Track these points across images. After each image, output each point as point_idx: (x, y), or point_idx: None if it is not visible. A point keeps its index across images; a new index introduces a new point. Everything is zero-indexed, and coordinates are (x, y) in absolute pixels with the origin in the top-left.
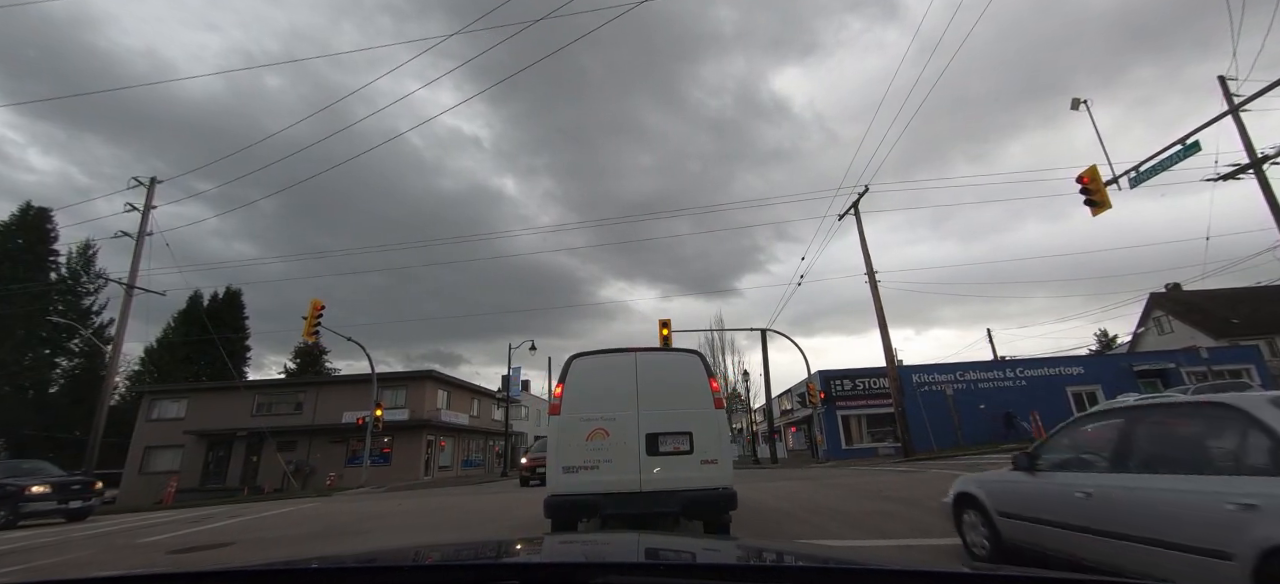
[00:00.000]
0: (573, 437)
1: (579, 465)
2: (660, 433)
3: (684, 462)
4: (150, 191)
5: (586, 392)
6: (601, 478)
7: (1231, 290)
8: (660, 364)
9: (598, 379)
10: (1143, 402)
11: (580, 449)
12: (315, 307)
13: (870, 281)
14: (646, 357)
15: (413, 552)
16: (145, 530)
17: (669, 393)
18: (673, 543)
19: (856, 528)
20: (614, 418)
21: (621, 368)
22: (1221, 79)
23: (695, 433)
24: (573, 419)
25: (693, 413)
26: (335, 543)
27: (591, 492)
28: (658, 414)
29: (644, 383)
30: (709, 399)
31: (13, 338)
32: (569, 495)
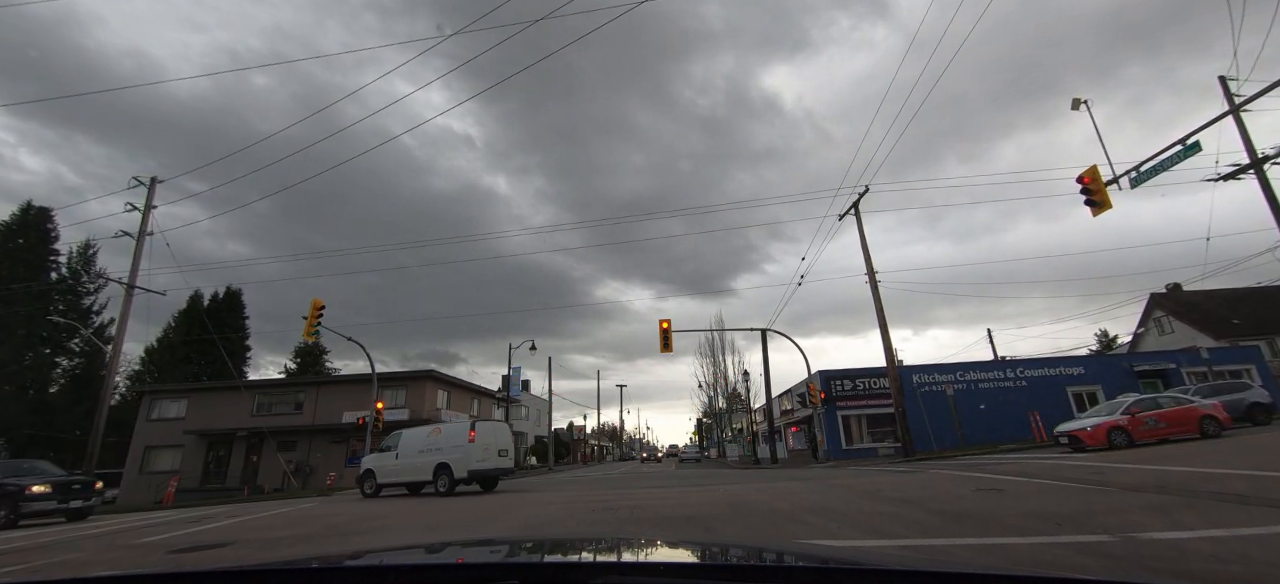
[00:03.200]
0: (479, 448)
1: (479, 460)
2: (497, 449)
3: (503, 457)
4: (150, 191)
5: (483, 433)
6: (485, 464)
7: (1232, 290)
8: (497, 427)
9: (484, 428)
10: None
11: (480, 453)
12: (315, 306)
13: (871, 282)
14: (494, 424)
15: (413, 552)
16: (145, 530)
17: (498, 433)
18: (673, 543)
19: (856, 528)
20: (489, 445)
21: (493, 425)
22: (1222, 79)
23: (506, 448)
24: (479, 444)
25: (506, 443)
26: (335, 543)
27: (482, 468)
28: (497, 441)
29: (497, 431)
30: (510, 436)
31: (13, 338)
32: (479, 470)
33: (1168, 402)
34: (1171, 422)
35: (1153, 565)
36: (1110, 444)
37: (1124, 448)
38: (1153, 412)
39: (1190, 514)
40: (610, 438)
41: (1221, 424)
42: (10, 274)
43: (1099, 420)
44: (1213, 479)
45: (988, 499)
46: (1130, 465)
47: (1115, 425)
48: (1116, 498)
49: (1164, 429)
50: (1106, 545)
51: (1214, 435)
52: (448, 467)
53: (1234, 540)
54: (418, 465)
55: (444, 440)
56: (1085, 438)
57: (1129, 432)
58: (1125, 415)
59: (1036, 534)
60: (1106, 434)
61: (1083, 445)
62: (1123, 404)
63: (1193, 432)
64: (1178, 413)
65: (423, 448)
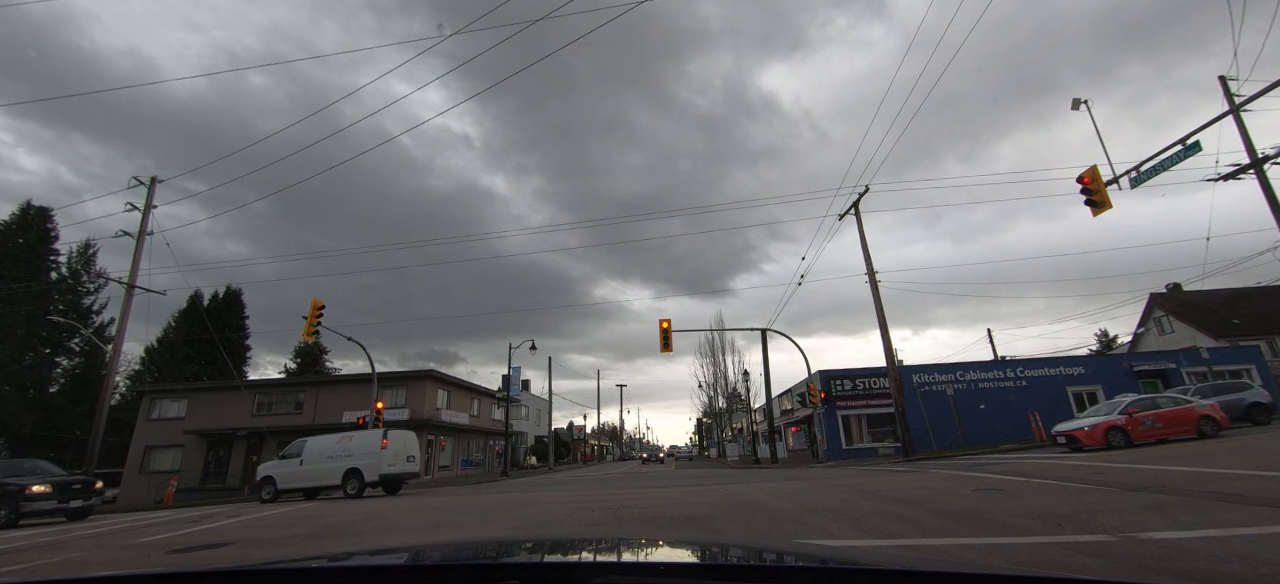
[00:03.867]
0: (390, 454)
1: (389, 464)
2: (406, 455)
3: (411, 462)
4: (151, 191)
5: (394, 440)
6: (394, 468)
7: (1232, 290)
8: (406, 436)
9: (395, 436)
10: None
11: (391, 458)
12: (315, 306)
13: (871, 282)
14: (404, 433)
15: (412, 552)
16: (145, 530)
17: (407, 440)
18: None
19: (856, 528)
20: (399, 452)
21: (402, 434)
22: (1222, 79)
23: (413, 455)
24: (391, 450)
25: (414, 450)
26: (335, 543)
27: (392, 472)
28: (406, 448)
29: (406, 438)
30: (417, 444)
31: (13, 338)
32: (389, 474)
33: (1166, 402)
34: (1169, 422)
35: (1153, 565)
36: (1108, 444)
37: (1122, 448)
38: (1151, 412)
39: (1190, 514)
40: (610, 438)
41: (1219, 424)
42: (10, 274)
43: (1097, 420)
44: (1213, 479)
45: (988, 499)
46: (1130, 465)
47: (1113, 425)
48: (1117, 498)
49: (1162, 429)
50: (1107, 545)
51: (1212, 436)
52: (358, 471)
53: (1235, 540)
54: (325, 471)
55: (355, 447)
56: (1083, 438)
57: (1127, 432)
58: (1123, 415)
59: (1036, 534)
60: (1104, 434)
61: (1080, 445)
62: (1121, 404)
63: (1190, 432)
64: (1175, 413)
65: (330, 454)
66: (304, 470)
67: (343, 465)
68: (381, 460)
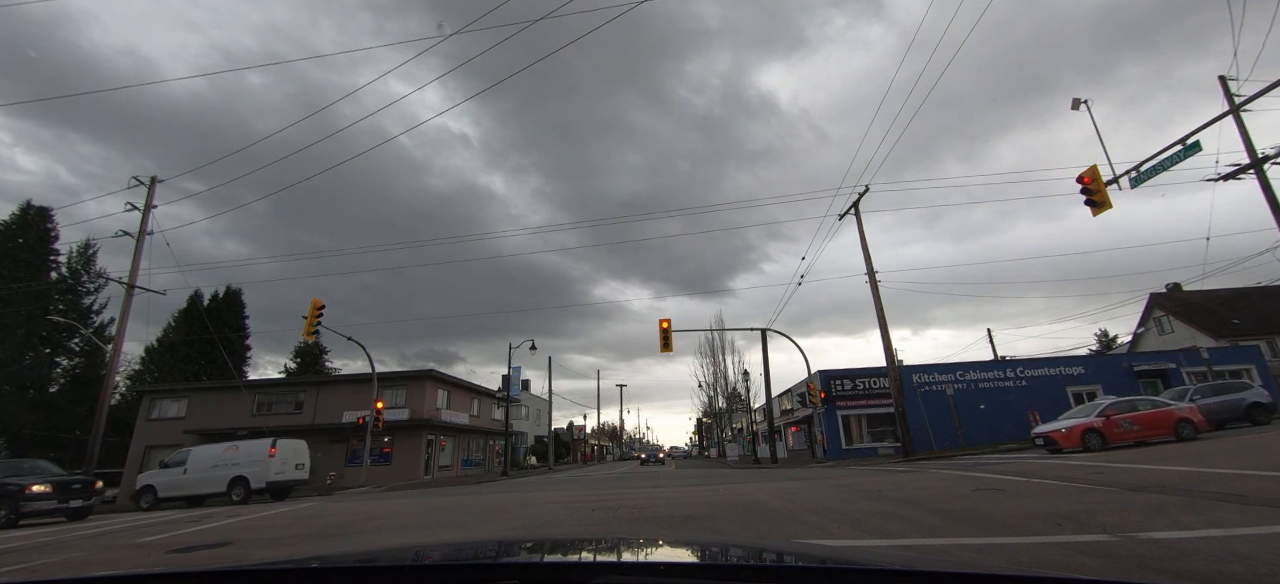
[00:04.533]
0: (278, 462)
1: (277, 472)
2: (295, 463)
3: (300, 470)
4: (151, 191)
5: (282, 449)
6: (283, 476)
7: (1232, 290)
8: (296, 444)
9: (284, 445)
10: None
11: (278, 466)
12: (315, 306)
13: (871, 281)
14: (293, 442)
15: (413, 552)
16: (145, 530)
17: (296, 449)
18: (673, 543)
19: (856, 528)
20: (288, 460)
21: (292, 443)
22: (1222, 79)
23: (303, 462)
24: (279, 458)
25: (303, 458)
26: (335, 543)
27: (280, 480)
28: (295, 456)
29: (296, 447)
30: (307, 452)
31: (13, 337)
32: (277, 481)
33: (1145, 404)
34: (1146, 425)
35: (1153, 565)
36: (1085, 446)
37: (1098, 450)
38: (1128, 414)
39: (1190, 514)
40: (610, 437)
41: (1196, 427)
42: (10, 274)
43: (1074, 422)
44: (1213, 479)
45: (988, 499)
46: (1130, 465)
47: (1090, 427)
48: (1117, 497)
49: (1138, 432)
50: (1107, 545)
51: (1189, 438)
52: (244, 479)
53: (1235, 540)
54: (210, 479)
55: (241, 456)
56: (1060, 439)
57: (1103, 434)
58: (1100, 417)
59: (1037, 534)
60: (1081, 436)
61: (1058, 447)
62: (1099, 406)
63: (1168, 435)
64: (1153, 416)
65: (216, 463)
66: (187, 478)
67: (229, 474)
68: (268, 468)
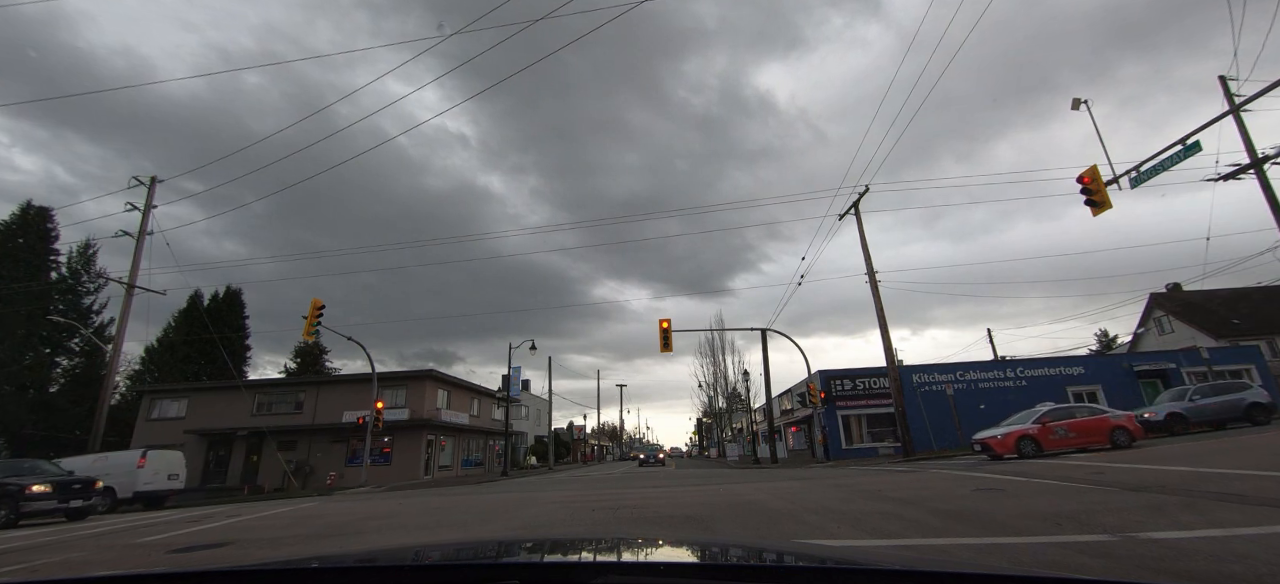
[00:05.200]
0: (148, 472)
1: (146, 482)
2: (168, 473)
3: (174, 480)
4: (151, 191)
5: (153, 460)
6: (152, 485)
7: (1232, 290)
8: (169, 455)
9: (154, 456)
10: None
11: (148, 476)
12: (315, 306)
13: (871, 281)
14: (166, 453)
15: (413, 552)
16: (145, 530)
17: (169, 460)
18: (673, 543)
19: (856, 528)
20: (159, 470)
21: (164, 454)
22: (1222, 79)
23: (176, 472)
24: (149, 468)
25: (177, 469)
26: (335, 543)
27: (149, 489)
28: (168, 466)
29: (169, 458)
30: (182, 462)
31: (13, 337)
32: (145, 491)
33: (1083, 412)
34: (1082, 432)
35: (1153, 565)
36: (1020, 453)
37: (1032, 456)
38: (1064, 421)
39: (1190, 514)
40: (610, 437)
41: (1132, 435)
42: (10, 274)
43: (1009, 429)
44: (1213, 479)
45: (988, 499)
46: (1130, 465)
47: (1025, 434)
48: (1116, 497)
49: (1074, 439)
50: (1107, 545)
51: (1124, 446)
52: (111, 489)
53: (1235, 540)
54: None
55: (110, 465)
56: (996, 446)
57: (1038, 440)
58: (1036, 424)
59: (1036, 534)
60: (1016, 443)
61: (995, 454)
62: (1036, 413)
63: (1103, 442)
64: (1089, 423)
65: (84, 472)
66: None
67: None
68: (137, 478)
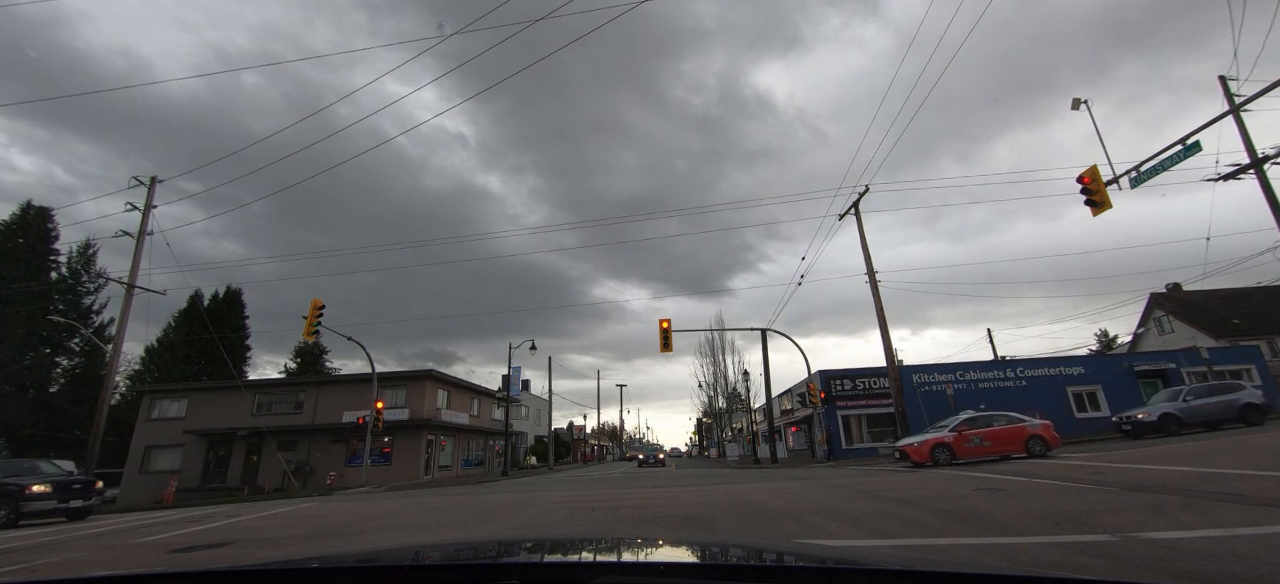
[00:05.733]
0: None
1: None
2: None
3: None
4: (151, 191)
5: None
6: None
7: (1232, 290)
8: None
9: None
10: None
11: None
12: (315, 306)
13: (871, 281)
14: (13, 462)
15: (413, 552)
16: (145, 530)
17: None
18: (673, 543)
19: (856, 528)
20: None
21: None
22: (1222, 79)
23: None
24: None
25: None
26: (335, 543)
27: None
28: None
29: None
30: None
31: (13, 337)
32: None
33: (1001, 421)
34: (997, 440)
35: (1153, 565)
36: (934, 461)
37: (946, 465)
38: (980, 430)
39: (1190, 514)
40: (611, 437)
41: (1048, 444)
42: (10, 274)
43: (925, 438)
44: (1212, 479)
45: (988, 499)
46: (1130, 465)
47: (940, 442)
48: (1117, 497)
49: (989, 448)
50: (1107, 545)
51: (1040, 455)
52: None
53: (1235, 540)
54: None
55: None
56: (912, 454)
57: (952, 448)
58: (953, 433)
59: (1037, 534)
60: (930, 451)
61: (911, 461)
62: (954, 422)
63: (1019, 451)
64: (1005, 432)
65: None
66: None
67: None
68: None
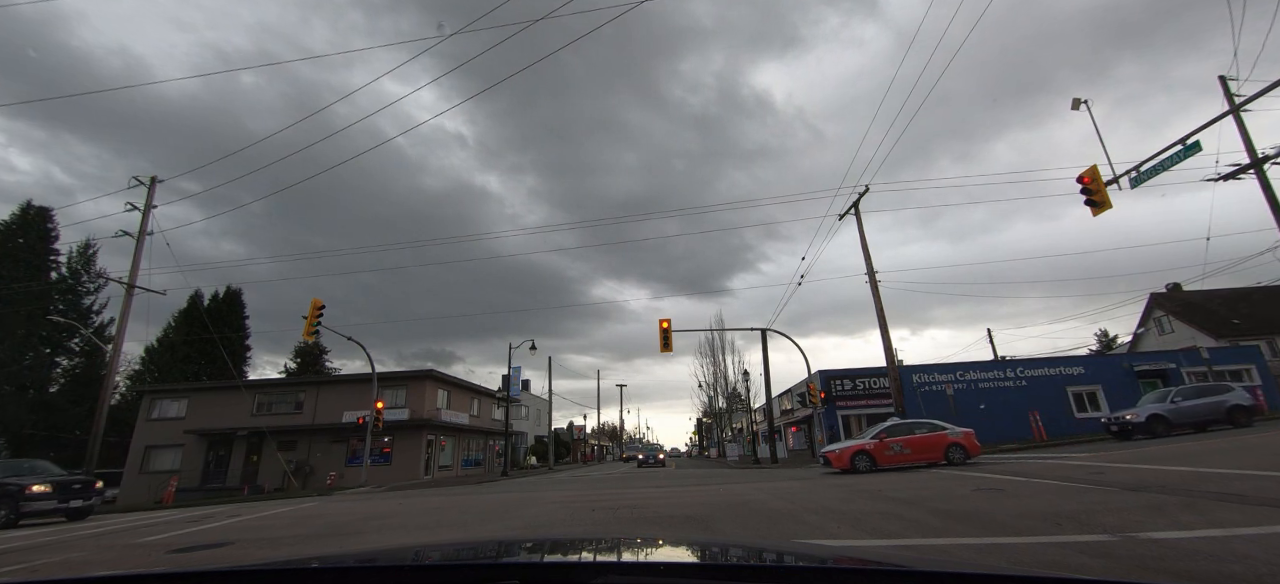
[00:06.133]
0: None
1: None
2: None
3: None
4: (151, 191)
5: None
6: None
7: (1232, 290)
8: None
9: None
10: None
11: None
12: (315, 306)
13: (871, 281)
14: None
15: (413, 552)
16: (145, 530)
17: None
18: (673, 543)
19: (856, 528)
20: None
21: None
22: (1222, 79)
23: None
24: None
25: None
26: (335, 543)
27: None
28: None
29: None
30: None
31: (13, 337)
32: None
33: (922, 429)
34: (918, 448)
35: (1153, 566)
36: (854, 468)
37: (866, 472)
38: (901, 438)
39: (1190, 514)
40: (611, 437)
41: (968, 452)
42: (10, 274)
43: (846, 445)
44: (1212, 479)
45: (988, 499)
46: (1130, 465)
47: (860, 449)
48: (1117, 497)
49: (909, 455)
50: (1107, 545)
51: (959, 463)
52: None
53: (1235, 540)
54: None
55: None
56: (833, 460)
57: (873, 456)
58: (874, 440)
59: (1037, 534)
60: (851, 458)
61: (833, 467)
62: (876, 430)
63: (939, 458)
64: (926, 440)
65: None
66: None
67: None
68: None
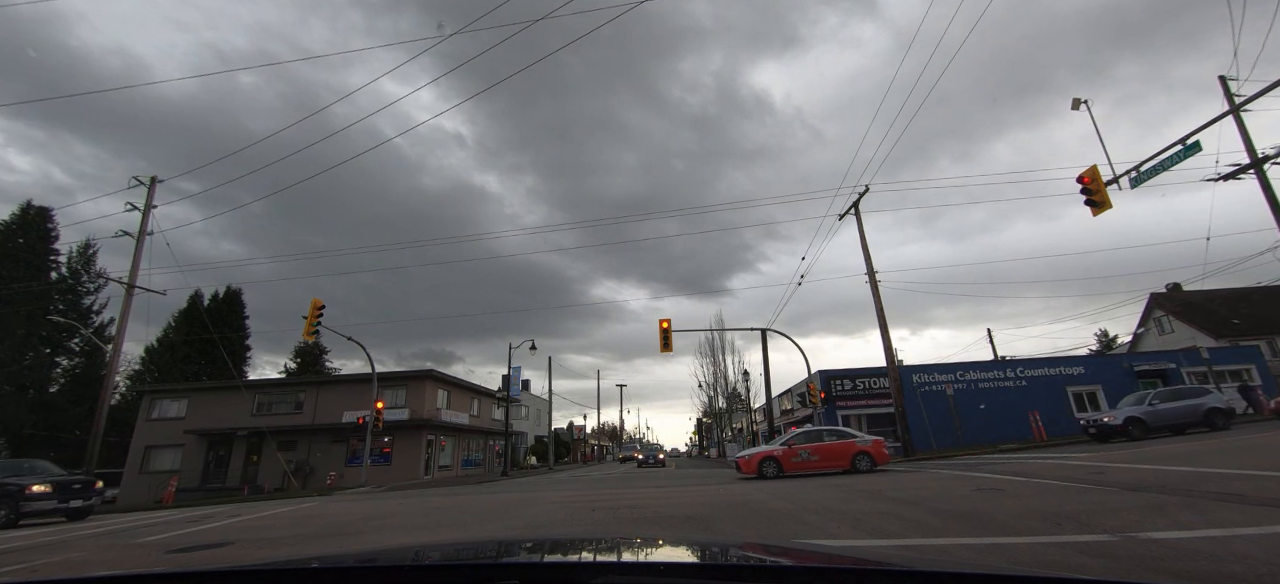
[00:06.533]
0: None
1: None
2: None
3: None
4: (151, 191)
5: None
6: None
7: (1232, 290)
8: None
9: None
10: None
11: None
12: (315, 306)
13: (871, 281)
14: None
15: (413, 552)
16: (145, 530)
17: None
18: (673, 543)
19: (856, 528)
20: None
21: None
22: (1222, 79)
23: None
24: None
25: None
26: (335, 543)
27: None
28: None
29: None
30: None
31: (13, 338)
32: None
33: (830, 436)
34: (825, 455)
35: (1153, 565)
36: (762, 474)
37: (773, 478)
38: (808, 445)
39: (1190, 514)
40: (611, 437)
41: (874, 460)
42: (10, 274)
43: (754, 452)
44: (1212, 479)
45: (988, 499)
46: (1130, 465)
47: (768, 455)
48: (1117, 498)
49: (816, 462)
50: (1107, 545)
51: (866, 471)
52: None
53: (1235, 540)
54: None
55: None
56: (743, 466)
57: (780, 463)
58: (782, 447)
59: (1037, 534)
60: (758, 465)
61: (742, 473)
62: (785, 438)
63: (846, 466)
64: (833, 447)
65: None
66: None
67: None
68: None
